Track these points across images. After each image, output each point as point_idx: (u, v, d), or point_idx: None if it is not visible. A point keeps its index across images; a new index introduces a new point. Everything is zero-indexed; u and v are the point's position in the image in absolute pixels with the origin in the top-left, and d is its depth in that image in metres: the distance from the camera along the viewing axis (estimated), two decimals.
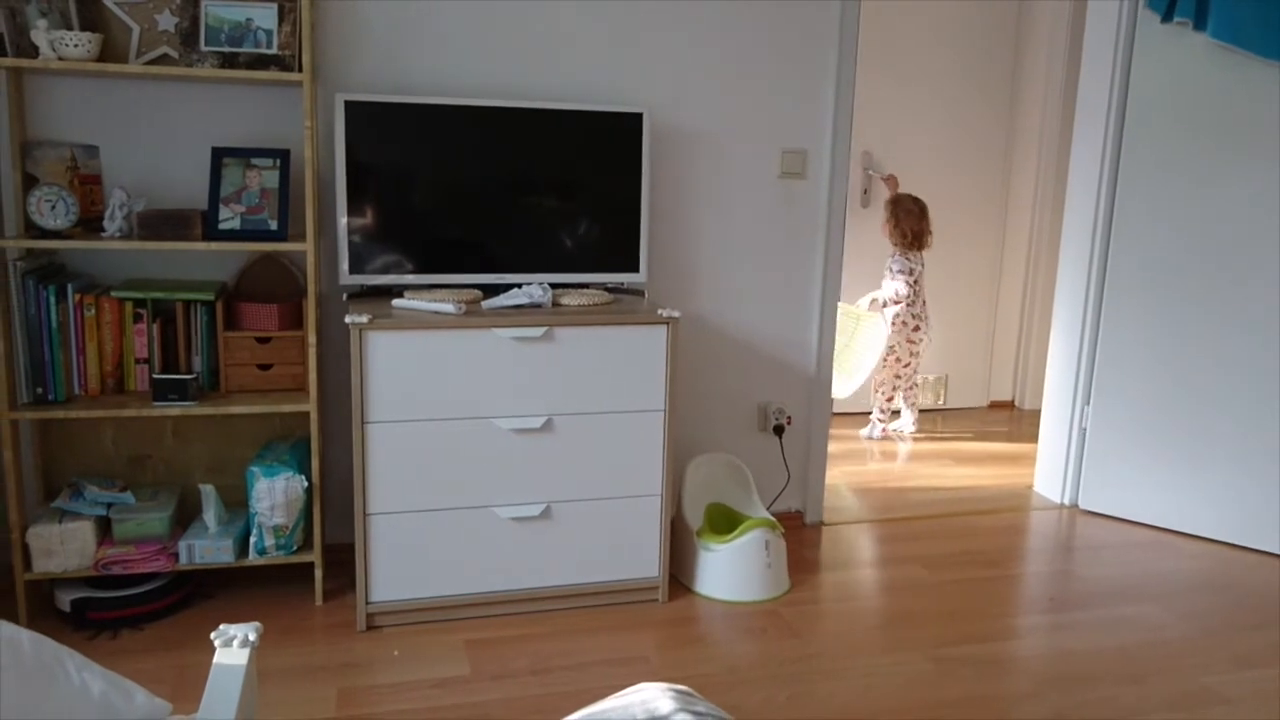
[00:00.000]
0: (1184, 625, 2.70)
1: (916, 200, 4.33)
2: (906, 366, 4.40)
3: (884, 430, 4.43)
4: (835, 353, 4.33)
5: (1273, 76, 3.02)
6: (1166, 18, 3.15)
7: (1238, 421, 3.20)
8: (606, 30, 2.88)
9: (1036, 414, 3.89)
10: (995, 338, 4.97)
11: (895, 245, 4.33)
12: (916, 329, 4.35)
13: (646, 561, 2.71)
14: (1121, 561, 3.13)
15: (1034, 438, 3.83)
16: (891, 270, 4.34)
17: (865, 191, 4.55)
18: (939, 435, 4.50)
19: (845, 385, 4.43)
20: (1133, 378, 3.39)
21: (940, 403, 4.88)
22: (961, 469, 4.03)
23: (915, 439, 4.41)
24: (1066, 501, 3.61)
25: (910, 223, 4.28)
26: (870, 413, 4.48)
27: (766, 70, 3.04)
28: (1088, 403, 3.52)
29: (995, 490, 3.78)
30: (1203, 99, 3.15)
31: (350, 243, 2.59)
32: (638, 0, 2.89)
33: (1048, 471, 3.69)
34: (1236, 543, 3.26)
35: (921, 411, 4.66)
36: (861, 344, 4.43)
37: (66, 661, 1.25)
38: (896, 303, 4.34)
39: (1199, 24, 3.09)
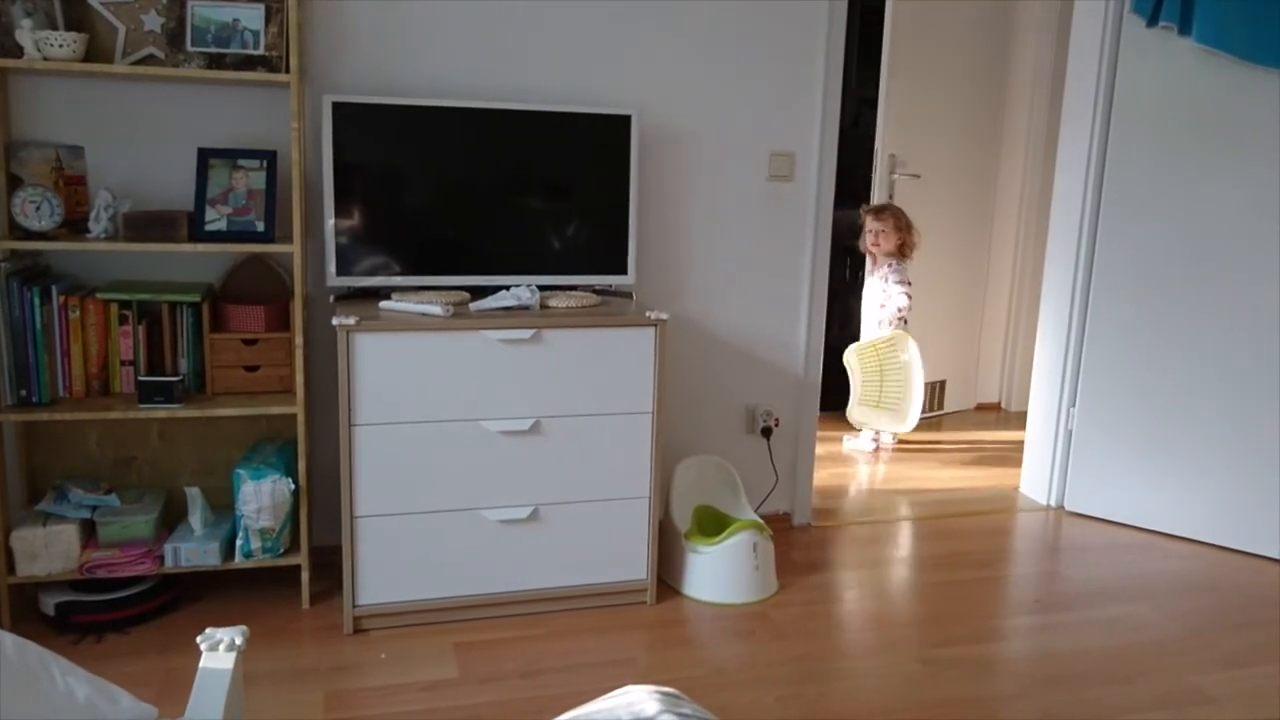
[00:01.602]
0: (1170, 626, 2.72)
1: (888, 206, 4.23)
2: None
3: (876, 445, 4.30)
4: (875, 398, 4.13)
5: (1257, 80, 3.04)
6: (1152, 22, 3.17)
7: (1223, 423, 3.22)
8: (595, 32, 2.88)
9: (1023, 416, 3.90)
10: (982, 340, 4.99)
11: (888, 255, 4.14)
12: None
13: (634, 564, 2.71)
14: (1107, 563, 3.14)
15: (1020, 440, 3.85)
16: (889, 281, 4.13)
17: (890, 197, 4.40)
18: (926, 437, 4.51)
19: (902, 421, 4.11)
20: (1118, 380, 3.41)
21: (937, 409, 4.86)
22: (948, 471, 4.04)
23: (901, 443, 4.40)
24: (1053, 503, 3.63)
25: (904, 231, 4.11)
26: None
27: (755, 73, 3.05)
28: (1074, 405, 3.54)
29: (982, 492, 3.79)
30: (1188, 103, 3.17)
31: (337, 244, 2.58)
32: (627, 2, 2.89)
33: (1034, 473, 3.71)
34: (1222, 544, 3.28)
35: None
36: (893, 372, 4.12)
37: (51, 666, 1.25)
38: (901, 318, 4.15)
39: (1184, 28, 3.11)
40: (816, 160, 3.15)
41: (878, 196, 4.40)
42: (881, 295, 4.18)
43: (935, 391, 4.83)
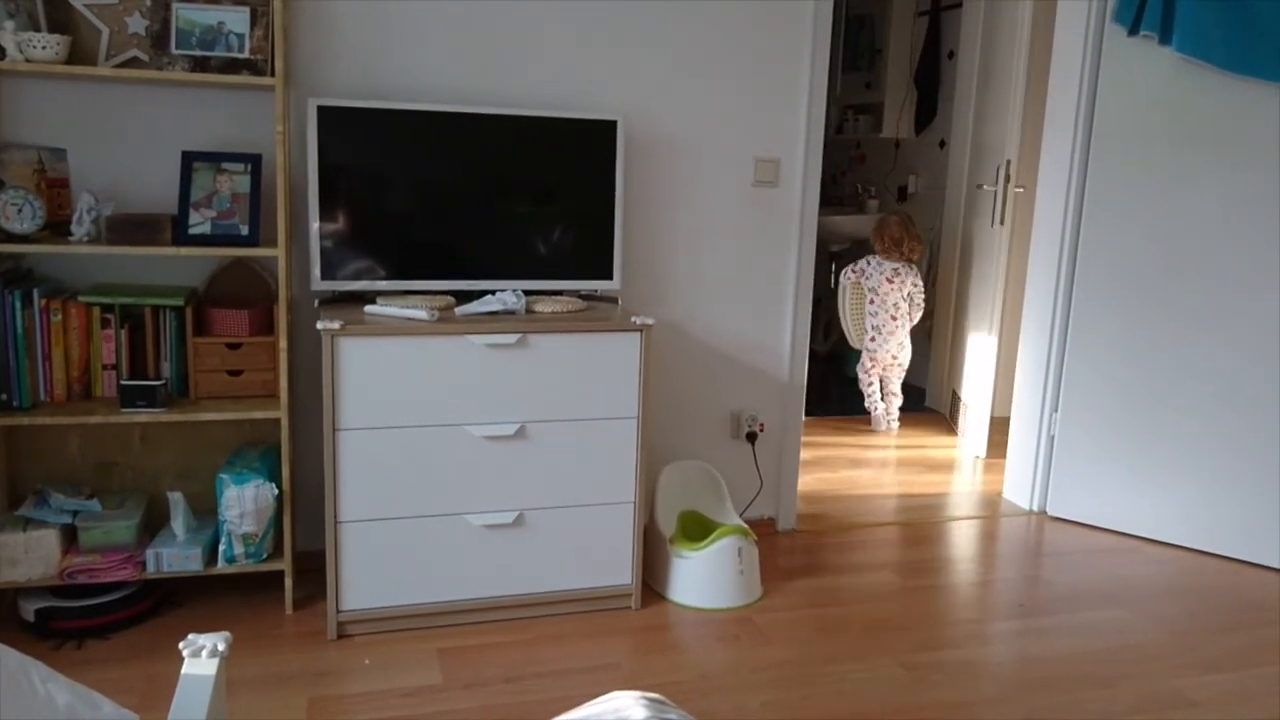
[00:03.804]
0: (1152, 630, 2.74)
1: (898, 214, 4.70)
2: (868, 372, 4.73)
3: (886, 423, 4.73)
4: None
5: (1237, 89, 3.07)
6: (1133, 31, 3.20)
7: (1203, 428, 3.25)
8: (582, 38, 2.89)
9: (1006, 421, 3.92)
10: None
11: (879, 252, 4.60)
12: (873, 339, 4.67)
13: (619, 569, 2.71)
14: (1089, 567, 3.16)
15: (1003, 444, 3.86)
16: (906, 277, 4.63)
17: (1003, 204, 4.14)
18: (912, 442, 4.53)
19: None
20: (1100, 386, 3.43)
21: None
22: (932, 475, 4.06)
23: (883, 447, 4.43)
24: (1035, 508, 3.65)
25: (889, 230, 4.55)
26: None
27: (740, 79, 3.06)
28: (1056, 410, 3.56)
29: (965, 497, 3.81)
30: (1169, 111, 3.19)
31: (322, 248, 2.58)
32: (614, 7, 2.89)
33: (1016, 478, 3.73)
34: (1203, 549, 3.30)
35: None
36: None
37: (31, 672, 1.24)
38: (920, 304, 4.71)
39: (1164, 38, 3.14)
40: (802, 166, 3.16)
41: (1000, 211, 4.24)
42: (910, 287, 4.64)
43: (953, 402, 4.84)
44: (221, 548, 2.52)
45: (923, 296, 4.65)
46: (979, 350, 4.43)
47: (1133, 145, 3.27)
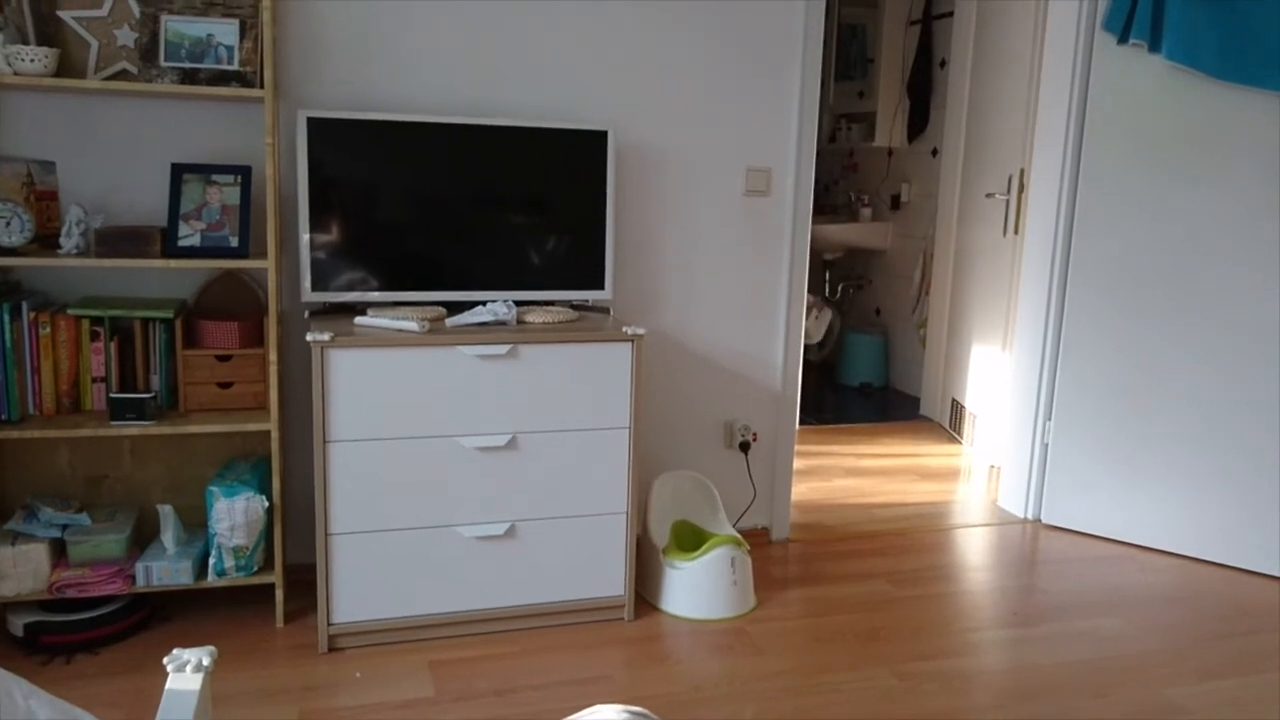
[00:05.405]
0: (1146, 638, 2.73)
1: None
2: None
3: None
4: None
5: (1228, 97, 3.08)
6: (1123, 39, 3.21)
7: (1198, 437, 3.25)
8: (573, 49, 2.89)
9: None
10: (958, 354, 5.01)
11: None
12: None
13: (612, 580, 2.70)
14: (1084, 575, 3.15)
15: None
16: None
17: (1017, 215, 4.05)
18: (906, 450, 4.53)
19: None
20: (1094, 394, 3.43)
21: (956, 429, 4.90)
22: (926, 484, 4.05)
23: (877, 456, 4.42)
24: (1029, 516, 3.64)
25: None
26: None
27: (731, 89, 3.06)
28: (1049, 418, 3.56)
29: (959, 505, 3.80)
30: (1159, 120, 3.20)
31: (313, 260, 2.57)
32: (604, 18, 2.90)
33: (1011, 487, 3.72)
34: (1198, 557, 3.30)
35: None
36: None
37: (13, 688, 1.23)
38: None
39: (1154, 46, 3.15)
40: (794, 175, 3.17)
41: (1014, 221, 4.16)
42: None
43: (958, 413, 4.85)
44: (212, 561, 2.51)
45: None
46: (992, 360, 4.42)
47: (1124, 154, 3.28)
